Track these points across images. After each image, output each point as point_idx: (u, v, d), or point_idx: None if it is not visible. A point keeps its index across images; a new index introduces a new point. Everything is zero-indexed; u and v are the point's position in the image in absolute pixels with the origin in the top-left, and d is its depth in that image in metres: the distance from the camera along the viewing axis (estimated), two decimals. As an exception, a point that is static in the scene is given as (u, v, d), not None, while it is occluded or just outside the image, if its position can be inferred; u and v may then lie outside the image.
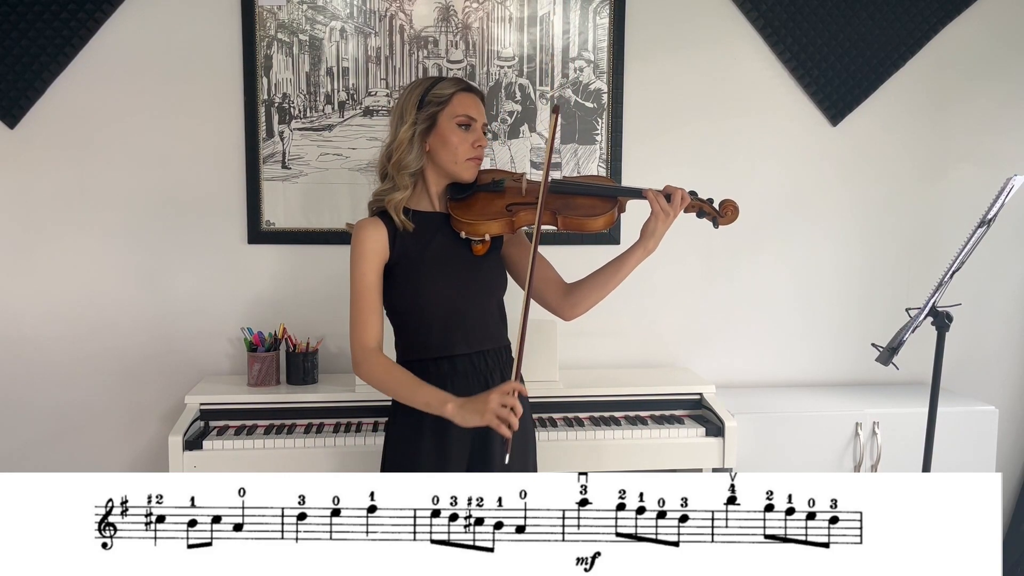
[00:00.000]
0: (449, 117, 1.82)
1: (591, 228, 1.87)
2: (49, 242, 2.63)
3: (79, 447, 2.69)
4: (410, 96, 1.84)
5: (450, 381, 1.83)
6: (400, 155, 1.82)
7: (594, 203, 1.88)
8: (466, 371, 1.85)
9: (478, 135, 1.85)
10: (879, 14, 2.77)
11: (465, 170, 1.85)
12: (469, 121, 1.83)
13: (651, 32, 2.73)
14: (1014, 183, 1.98)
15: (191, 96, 2.61)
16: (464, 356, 1.85)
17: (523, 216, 1.84)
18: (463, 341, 1.85)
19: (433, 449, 1.82)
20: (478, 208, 1.85)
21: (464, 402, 1.71)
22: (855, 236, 2.89)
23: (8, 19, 2.50)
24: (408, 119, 1.82)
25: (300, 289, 2.70)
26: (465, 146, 1.83)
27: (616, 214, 1.90)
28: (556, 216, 1.86)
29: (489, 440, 1.84)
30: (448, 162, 1.83)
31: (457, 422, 1.71)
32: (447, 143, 1.82)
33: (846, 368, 2.92)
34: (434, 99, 1.82)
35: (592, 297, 1.94)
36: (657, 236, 1.85)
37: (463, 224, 1.83)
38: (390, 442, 1.90)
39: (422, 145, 1.83)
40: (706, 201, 1.90)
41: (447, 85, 1.84)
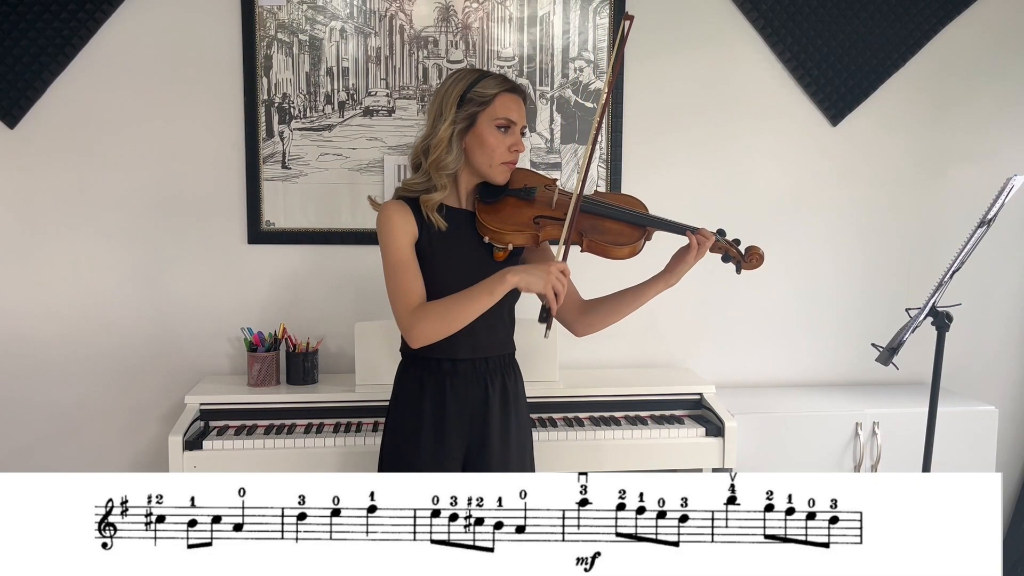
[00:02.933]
0: (489, 118, 1.76)
1: (615, 256, 1.83)
2: (49, 242, 2.63)
3: (79, 447, 2.69)
4: (451, 91, 1.77)
5: (449, 381, 1.83)
6: (439, 154, 1.76)
7: (622, 230, 1.84)
8: (465, 373, 1.84)
9: (516, 138, 1.79)
10: (879, 14, 2.77)
11: (499, 173, 1.80)
12: (509, 124, 1.77)
13: (651, 32, 2.72)
14: (1014, 183, 1.98)
15: (191, 96, 2.61)
16: (467, 360, 1.83)
17: (549, 231, 1.80)
18: (467, 345, 1.82)
19: (431, 447, 1.81)
20: (505, 215, 1.80)
21: (523, 267, 1.70)
22: (855, 236, 2.89)
23: (8, 19, 2.50)
24: (448, 116, 1.75)
25: (300, 289, 2.70)
26: (502, 149, 1.78)
27: (642, 244, 1.85)
28: (582, 237, 1.81)
29: (487, 437, 1.84)
30: (483, 164, 1.79)
31: (519, 283, 1.67)
32: (484, 144, 1.77)
33: (846, 368, 2.92)
34: (476, 97, 1.76)
35: (607, 320, 1.92)
36: (681, 272, 1.83)
37: (488, 230, 1.79)
38: (388, 440, 1.90)
39: (460, 145, 1.78)
40: (732, 243, 1.88)
41: (491, 84, 1.77)
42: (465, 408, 1.84)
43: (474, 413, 1.85)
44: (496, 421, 1.85)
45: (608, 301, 1.92)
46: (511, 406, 1.88)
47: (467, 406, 1.84)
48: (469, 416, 1.84)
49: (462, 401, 1.83)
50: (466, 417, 1.84)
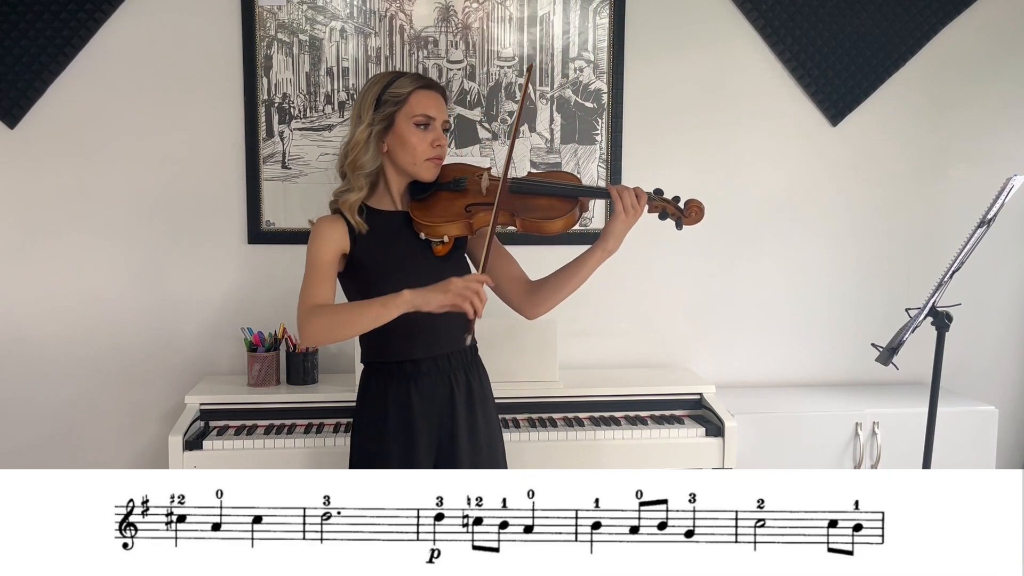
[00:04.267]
0: (407, 117, 1.77)
1: (549, 231, 1.81)
2: (49, 242, 2.62)
3: (79, 447, 2.69)
4: (367, 95, 1.79)
5: (414, 382, 1.81)
6: (356, 155, 1.78)
7: (552, 204, 1.83)
8: (430, 371, 1.82)
9: (438, 134, 1.79)
10: (879, 14, 2.77)
11: (425, 170, 1.80)
12: (428, 120, 1.77)
13: (651, 32, 2.73)
14: (1014, 183, 1.98)
15: (191, 96, 2.61)
16: (427, 359, 1.82)
17: (481, 217, 1.79)
18: (424, 344, 1.81)
19: (400, 450, 1.79)
20: (438, 209, 1.81)
21: (426, 288, 1.66)
22: (855, 236, 2.89)
23: (8, 19, 2.50)
24: (365, 119, 1.77)
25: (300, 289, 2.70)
26: (424, 146, 1.78)
27: (577, 215, 1.84)
28: (514, 217, 1.81)
29: (456, 437, 1.82)
30: (407, 163, 1.79)
31: (419, 304, 1.64)
32: (405, 144, 1.77)
33: (846, 368, 2.92)
34: (391, 98, 1.77)
35: (552, 299, 1.88)
36: (616, 236, 1.79)
37: (422, 226, 1.80)
38: (356, 445, 1.87)
39: (379, 145, 1.78)
40: (671, 201, 1.84)
41: (404, 83, 1.78)
42: (432, 409, 1.82)
43: (441, 413, 1.83)
44: (463, 420, 1.83)
45: (551, 279, 1.89)
46: (477, 404, 1.87)
47: (433, 406, 1.82)
48: (437, 418, 1.82)
49: (428, 401, 1.81)
50: (434, 419, 1.82)
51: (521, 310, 1.95)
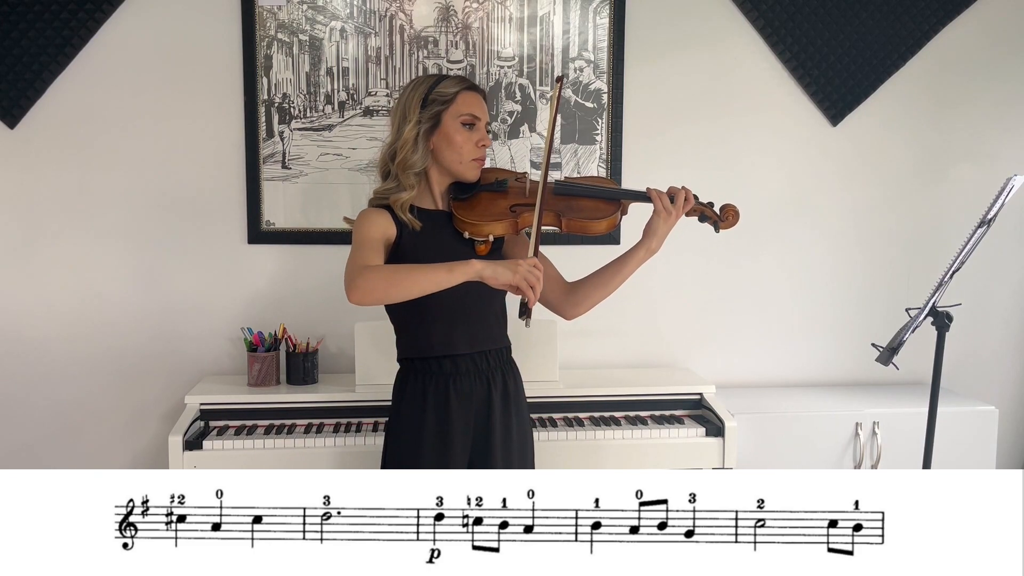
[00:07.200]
0: (453, 116, 1.81)
1: (594, 231, 1.87)
2: (49, 242, 2.62)
3: (79, 447, 2.69)
4: (413, 94, 1.83)
5: (452, 379, 1.83)
6: (405, 154, 1.81)
7: (597, 206, 1.89)
8: (468, 370, 1.85)
9: (482, 134, 1.85)
10: (879, 14, 2.77)
11: (469, 170, 1.85)
12: (473, 120, 1.83)
13: (651, 32, 2.73)
14: (1014, 183, 1.98)
15: (191, 96, 2.61)
16: (466, 355, 1.85)
17: (527, 217, 1.83)
18: (464, 340, 1.84)
19: (435, 453, 1.81)
20: (481, 208, 1.85)
21: (494, 261, 1.67)
22: (855, 236, 2.89)
23: (8, 19, 2.50)
24: (412, 118, 1.81)
25: (300, 289, 2.70)
26: (469, 145, 1.83)
27: (619, 217, 1.90)
28: (560, 218, 1.86)
29: (491, 437, 1.84)
30: (453, 162, 1.83)
31: (487, 276, 1.64)
32: (451, 142, 1.82)
33: (846, 368, 2.92)
34: (438, 98, 1.81)
35: (594, 297, 1.93)
36: (660, 236, 1.85)
37: (467, 224, 1.83)
38: (390, 446, 1.89)
39: (426, 144, 1.82)
40: (707, 205, 1.90)
41: (451, 84, 1.83)
42: (469, 408, 1.84)
43: (478, 413, 1.85)
44: (499, 421, 1.86)
45: (592, 278, 1.93)
46: (512, 406, 1.89)
47: (471, 406, 1.84)
48: (473, 418, 1.84)
49: (466, 401, 1.83)
50: (470, 420, 1.84)
51: (560, 310, 1.98)
